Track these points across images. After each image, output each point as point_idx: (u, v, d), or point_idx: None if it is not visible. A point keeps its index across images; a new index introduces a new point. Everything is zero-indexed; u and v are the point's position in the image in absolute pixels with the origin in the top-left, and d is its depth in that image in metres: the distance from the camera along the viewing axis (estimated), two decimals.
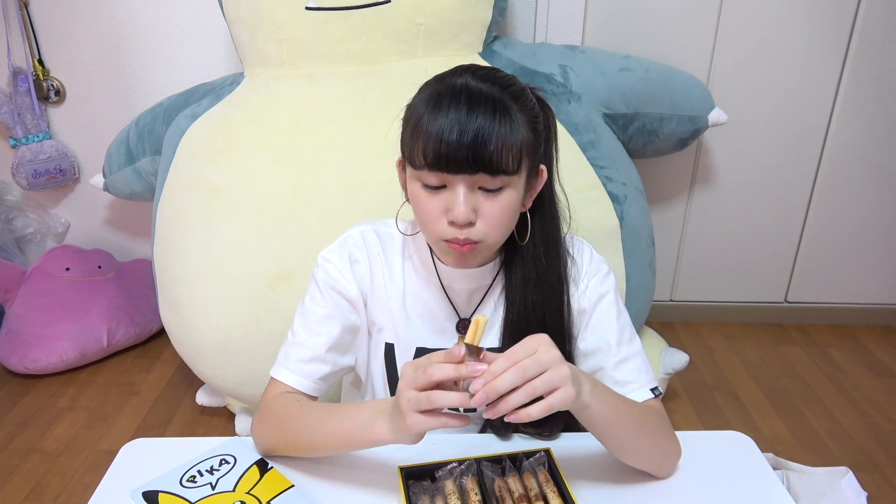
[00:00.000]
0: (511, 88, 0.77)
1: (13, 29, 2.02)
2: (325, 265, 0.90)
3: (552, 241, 0.86)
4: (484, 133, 0.71)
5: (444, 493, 0.79)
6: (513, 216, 0.79)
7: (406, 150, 0.78)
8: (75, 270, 2.11)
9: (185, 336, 1.58)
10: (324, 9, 1.50)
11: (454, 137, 0.71)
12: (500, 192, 0.76)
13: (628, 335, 0.89)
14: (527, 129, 0.76)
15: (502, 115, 0.73)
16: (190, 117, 1.67)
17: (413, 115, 0.77)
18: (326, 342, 0.88)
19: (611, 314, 0.89)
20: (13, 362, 2.00)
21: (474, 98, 0.73)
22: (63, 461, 1.70)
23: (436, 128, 0.72)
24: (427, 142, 0.73)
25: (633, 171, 1.66)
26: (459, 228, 0.76)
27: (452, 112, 0.72)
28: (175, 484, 0.83)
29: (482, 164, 0.72)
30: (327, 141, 1.50)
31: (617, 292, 0.91)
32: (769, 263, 2.24)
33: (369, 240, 0.91)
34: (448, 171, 0.74)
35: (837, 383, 2.00)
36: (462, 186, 0.75)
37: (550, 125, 0.84)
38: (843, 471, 1.17)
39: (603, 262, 0.92)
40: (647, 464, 0.84)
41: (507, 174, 0.74)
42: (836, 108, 2.01)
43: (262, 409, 0.90)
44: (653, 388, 0.87)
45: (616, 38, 1.92)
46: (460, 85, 0.75)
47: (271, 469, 0.86)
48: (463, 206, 0.74)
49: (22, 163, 2.12)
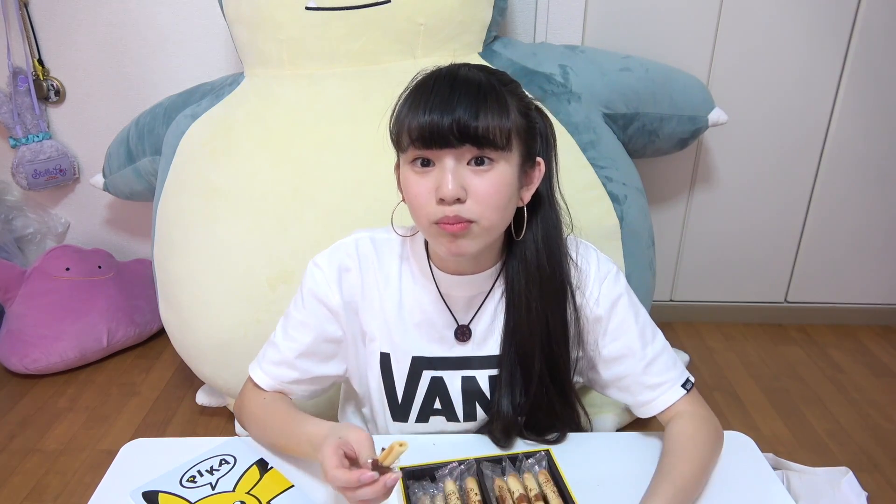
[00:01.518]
0: (501, 76, 0.77)
1: (13, 29, 2.02)
2: (312, 272, 0.89)
3: (554, 245, 0.85)
4: (469, 105, 0.72)
5: (444, 493, 0.79)
6: (506, 198, 0.76)
7: (394, 135, 0.78)
8: (75, 270, 2.11)
9: (185, 336, 1.58)
10: (324, 9, 1.50)
11: (437, 111, 0.72)
12: (490, 169, 0.74)
13: (650, 333, 0.89)
14: (516, 111, 0.76)
15: (489, 90, 0.73)
16: (190, 117, 1.67)
17: (400, 101, 0.77)
18: (297, 348, 0.89)
19: (629, 317, 0.88)
20: (13, 362, 2.00)
21: (459, 79, 0.74)
22: (63, 461, 1.69)
23: (421, 106, 0.73)
24: (413, 118, 0.73)
25: (633, 171, 1.66)
26: (449, 206, 0.74)
27: (438, 88, 0.73)
28: (175, 484, 0.83)
29: (467, 136, 0.72)
30: (327, 141, 1.50)
31: (629, 292, 0.90)
32: (769, 263, 2.24)
33: (363, 248, 0.90)
34: (434, 146, 0.73)
35: (837, 383, 2.00)
36: (449, 159, 0.73)
37: (549, 133, 0.84)
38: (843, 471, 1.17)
39: (609, 262, 0.90)
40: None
41: (494, 148, 0.73)
42: (836, 108, 2.01)
43: (238, 399, 0.94)
44: (683, 382, 0.88)
45: (616, 38, 1.92)
46: (448, 70, 0.76)
47: (271, 469, 0.86)
48: (451, 182, 0.73)
49: (22, 163, 2.12)
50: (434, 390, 0.91)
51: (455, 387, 0.90)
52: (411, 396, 0.91)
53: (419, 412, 0.92)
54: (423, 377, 0.90)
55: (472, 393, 0.90)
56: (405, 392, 0.91)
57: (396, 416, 0.93)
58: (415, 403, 0.91)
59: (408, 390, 0.90)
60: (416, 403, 0.91)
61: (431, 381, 0.90)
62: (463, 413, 0.91)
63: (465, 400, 0.90)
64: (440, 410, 0.91)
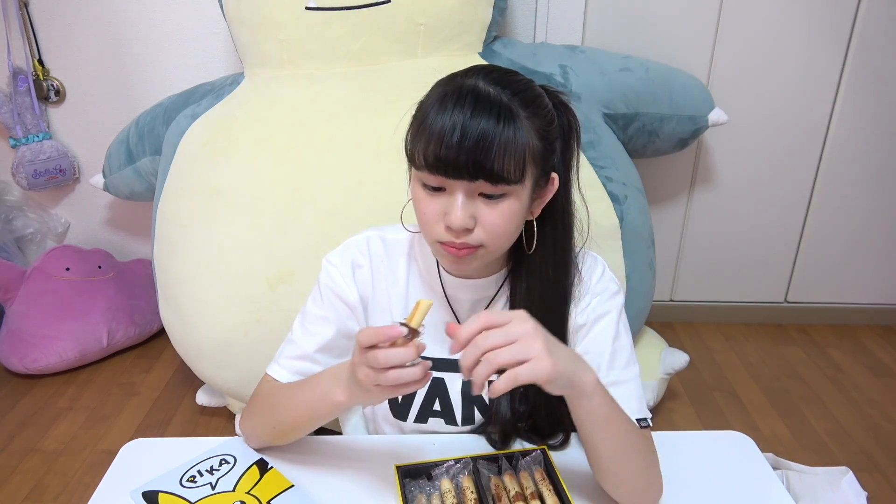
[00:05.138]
0: (523, 94, 0.74)
1: (13, 29, 2.02)
2: (328, 268, 0.90)
3: (561, 254, 0.83)
4: (486, 139, 0.69)
5: (440, 491, 0.79)
6: (515, 225, 0.76)
7: (409, 148, 0.76)
8: (75, 270, 2.11)
9: (185, 336, 1.58)
10: (324, 9, 1.50)
11: (455, 141, 0.69)
12: (501, 200, 0.73)
13: (623, 360, 0.85)
14: (535, 137, 0.73)
15: (507, 121, 0.70)
16: (190, 117, 1.67)
17: (419, 114, 0.75)
18: (318, 342, 0.88)
19: (607, 335, 0.85)
20: (13, 362, 2.01)
21: (480, 101, 0.71)
22: (63, 461, 1.70)
23: (438, 129, 0.70)
24: (428, 143, 0.71)
25: (633, 171, 1.66)
26: (456, 235, 0.74)
27: (456, 114, 0.70)
28: (175, 484, 0.83)
29: (482, 172, 0.70)
30: (327, 141, 1.50)
31: (620, 314, 0.87)
32: (769, 263, 2.24)
33: (374, 246, 0.90)
34: (447, 176, 0.72)
35: (837, 383, 2.00)
36: (461, 192, 0.72)
37: (572, 130, 0.82)
38: (843, 471, 1.17)
39: (613, 281, 0.88)
40: (630, 490, 0.79)
41: (508, 183, 0.71)
42: (836, 108, 2.01)
43: (250, 401, 0.91)
44: (640, 418, 0.81)
45: (616, 38, 1.92)
46: (468, 87, 0.72)
47: (271, 469, 0.86)
48: (460, 212, 0.72)
49: (22, 163, 2.12)
50: (434, 392, 0.91)
51: (455, 389, 0.90)
52: (411, 396, 0.91)
53: (418, 412, 0.92)
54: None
55: (471, 397, 0.90)
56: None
57: (396, 414, 0.93)
58: (414, 403, 0.91)
59: None
60: (416, 403, 0.91)
61: (432, 382, 0.90)
62: (461, 416, 0.91)
63: (465, 403, 0.91)
64: (439, 412, 0.92)
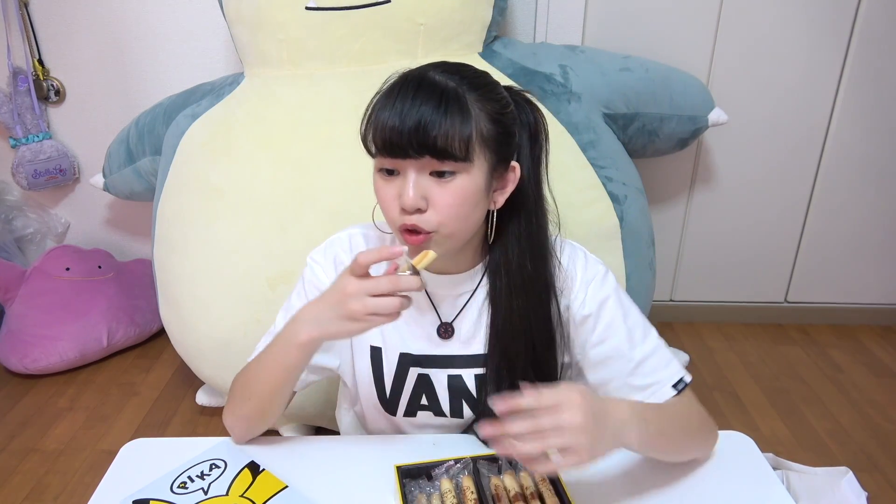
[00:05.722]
0: (472, 80, 0.77)
1: (13, 29, 2.02)
2: (312, 265, 0.92)
3: (537, 246, 0.84)
4: (426, 117, 0.72)
5: (440, 491, 0.79)
6: (470, 207, 0.77)
7: (363, 138, 0.80)
8: (75, 270, 2.11)
9: (185, 336, 1.58)
10: (324, 9, 1.50)
11: (396, 122, 0.73)
12: (452, 179, 0.75)
13: (640, 334, 0.87)
14: (485, 119, 0.75)
15: (449, 101, 0.73)
16: (190, 117, 1.67)
17: (369, 104, 0.79)
18: None
19: (616, 318, 0.86)
20: (13, 362, 2.01)
21: (423, 86, 0.75)
22: (63, 461, 1.70)
23: (383, 114, 0.75)
24: (376, 128, 0.75)
25: (633, 171, 1.66)
26: (409, 214, 0.75)
27: (399, 99, 0.74)
28: (166, 491, 0.83)
29: (426, 148, 0.73)
30: (327, 141, 1.50)
31: (618, 292, 0.88)
32: (769, 263, 2.24)
33: (356, 242, 0.92)
34: (395, 156, 0.75)
35: (837, 383, 2.00)
36: (411, 171, 0.75)
37: (539, 126, 0.83)
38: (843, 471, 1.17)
39: (599, 263, 0.89)
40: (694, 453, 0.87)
41: (455, 160, 0.73)
42: (836, 108, 2.01)
43: (229, 392, 0.92)
44: (675, 382, 0.85)
45: (616, 38, 1.92)
46: (415, 75, 0.77)
47: (263, 471, 0.85)
48: (412, 190, 0.74)
49: (22, 163, 2.12)
50: (420, 387, 0.91)
51: (441, 384, 0.91)
52: (398, 392, 0.92)
53: (406, 407, 0.93)
54: (410, 374, 0.91)
55: (458, 391, 0.91)
56: (393, 387, 0.92)
57: (385, 408, 0.94)
58: (402, 398, 0.92)
59: (395, 386, 0.92)
60: (404, 399, 0.92)
61: (418, 378, 0.91)
62: (450, 409, 0.92)
63: (452, 397, 0.91)
64: (426, 406, 0.93)
